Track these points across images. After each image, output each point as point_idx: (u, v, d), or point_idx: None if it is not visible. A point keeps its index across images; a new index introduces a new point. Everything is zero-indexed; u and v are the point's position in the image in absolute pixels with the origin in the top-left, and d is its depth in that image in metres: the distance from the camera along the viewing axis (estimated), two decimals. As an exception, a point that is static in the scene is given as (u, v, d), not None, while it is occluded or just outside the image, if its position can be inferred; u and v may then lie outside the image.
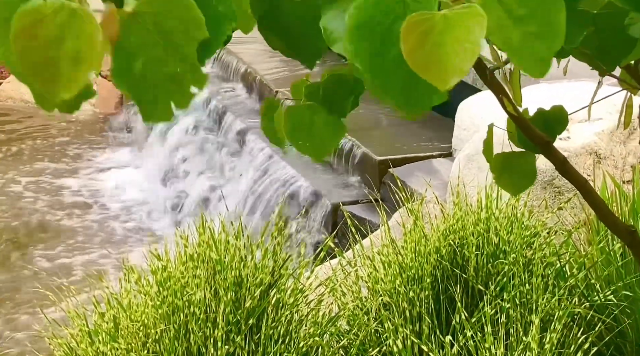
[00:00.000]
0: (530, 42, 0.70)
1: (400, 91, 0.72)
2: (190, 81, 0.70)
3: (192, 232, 2.02)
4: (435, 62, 0.64)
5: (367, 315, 2.07)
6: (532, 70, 0.72)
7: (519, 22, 0.69)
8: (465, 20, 0.64)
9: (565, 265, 2.11)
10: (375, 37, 0.70)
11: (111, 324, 1.91)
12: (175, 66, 0.69)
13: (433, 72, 0.65)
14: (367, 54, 0.71)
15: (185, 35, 0.69)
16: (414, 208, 2.22)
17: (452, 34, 0.64)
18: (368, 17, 0.70)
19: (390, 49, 0.70)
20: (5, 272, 4.26)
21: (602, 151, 2.82)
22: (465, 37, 0.64)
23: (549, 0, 0.70)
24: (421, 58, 0.65)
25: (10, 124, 6.38)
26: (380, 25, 0.70)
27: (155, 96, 0.70)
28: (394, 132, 4.24)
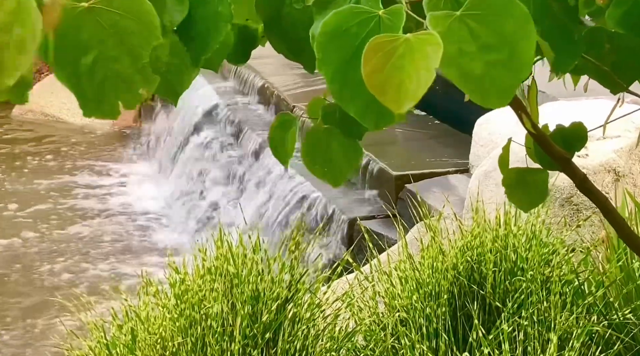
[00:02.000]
0: (494, 71, 0.69)
1: (364, 105, 0.73)
2: (140, 82, 0.71)
3: (210, 245, 2.03)
4: (392, 86, 0.65)
5: (383, 331, 2.06)
6: (490, 100, 0.72)
7: (485, 49, 0.69)
8: (424, 47, 0.64)
9: (583, 283, 2.10)
10: (347, 48, 0.71)
11: (129, 336, 1.92)
12: (126, 65, 0.69)
13: (390, 96, 0.66)
14: (335, 64, 0.72)
15: (139, 37, 0.69)
16: (431, 224, 2.21)
17: (411, 58, 0.64)
18: (343, 27, 0.70)
19: (359, 61, 0.69)
20: (23, 283, 4.28)
21: (620, 168, 2.81)
22: (422, 63, 0.64)
23: (519, 29, 0.69)
24: (379, 81, 0.66)
25: (29, 136, 6.44)
26: (354, 36, 0.70)
27: (102, 93, 0.71)
28: (411, 147, 4.24)
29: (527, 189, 1.27)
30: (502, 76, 0.70)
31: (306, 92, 5.14)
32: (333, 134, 1.10)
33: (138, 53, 0.70)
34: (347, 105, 0.73)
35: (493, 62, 0.69)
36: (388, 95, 0.65)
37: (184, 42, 0.82)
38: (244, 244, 2.03)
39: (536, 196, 1.27)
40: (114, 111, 0.72)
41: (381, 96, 0.65)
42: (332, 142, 1.10)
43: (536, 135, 1.24)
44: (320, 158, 1.11)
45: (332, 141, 1.10)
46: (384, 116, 0.73)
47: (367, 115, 0.74)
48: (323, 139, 1.10)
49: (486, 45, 0.68)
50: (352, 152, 1.12)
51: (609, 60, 1.03)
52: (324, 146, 1.10)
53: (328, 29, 0.71)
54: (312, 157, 1.11)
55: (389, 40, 0.65)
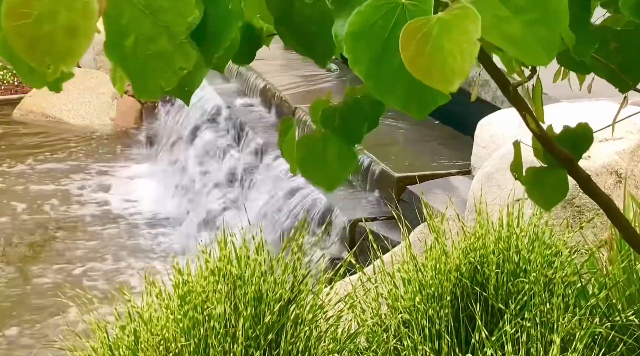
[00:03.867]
0: (533, 29, 0.70)
1: (405, 94, 0.73)
2: (178, 59, 0.71)
3: (213, 246, 2.03)
4: (436, 67, 0.65)
5: (386, 332, 2.06)
6: (538, 57, 0.72)
7: (519, 11, 0.69)
8: (461, 21, 0.64)
9: (586, 285, 2.10)
10: (376, 43, 0.70)
11: (132, 337, 1.91)
12: (164, 44, 0.70)
13: (436, 77, 0.65)
14: (367, 61, 0.71)
15: (174, 14, 0.69)
16: (434, 225, 2.21)
17: (449, 36, 0.64)
18: (368, 22, 0.70)
19: (391, 52, 0.70)
20: (25, 284, 4.29)
21: (623, 170, 2.81)
22: (462, 38, 0.64)
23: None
24: (422, 65, 0.65)
25: (30, 137, 6.45)
26: (381, 29, 0.70)
27: (146, 72, 0.71)
28: (413, 149, 4.24)
29: (547, 187, 1.27)
30: (542, 32, 0.70)
31: (308, 93, 5.14)
32: (328, 140, 1.10)
33: (174, 30, 0.70)
34: (387, 98, 0.73)
35: (529, 22, 0.70)
36: (434, 77, 0.65)
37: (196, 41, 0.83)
38: (247, 245, 2.03)
39: (556, 193, 1.27)
40: (156, 90, 0.73)
41: (427, 79, 0.65)
42: (328, 148, 1.10)
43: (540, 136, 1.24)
44: (315, 164, 1.10)
45: (327, 146, 1.10)
46: (427, 101, 0.73)
47: (410, 104, 0.73)
48: (318, 144, 1.10)
49: (518, 8, 0.69)
50: (347, 158, 1.11)
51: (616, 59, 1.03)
52: (319, 151, 1.10)
53: (354, 28, 0.71)
54: (306, 163, 1.11)
55: (422, 24, 0.64)
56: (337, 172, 1.10)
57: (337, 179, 1.10)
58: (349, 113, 1.09)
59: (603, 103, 3.08)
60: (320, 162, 1.10)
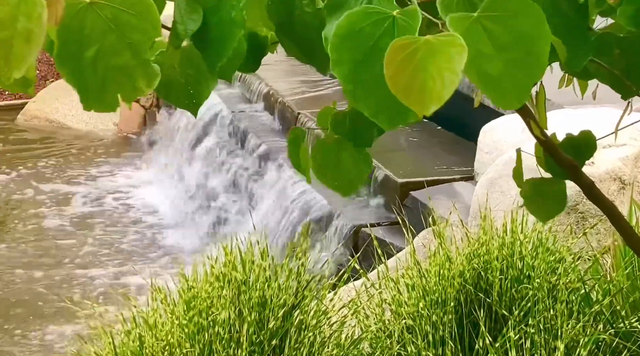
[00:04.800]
0: (511, 71, 0.70)
1: (379, 104, 0.73)
2: (140, 75, 0.72)
3: (218, 252, 2.03)
4: (415, 88, 0.65)
5: (390, 338, 2.06)
6: (509, 100, 0.72)
7: (502, 50, 0.70)
8: (447, 49, 0.65)
9: (590, 291, 2.10)
10: (361, 48, 0.71)
11: (137, 343, 1.92)
12: (127, 59, 0.70)
13: (413, 98, 0.66)
14: (350, 64, 0.72)
15: (140, 32, 0.70)
16: (438, 231, 2.22)
17: (434, 61, 0.65)
18: (356, 28, 0.71)
19: (374, 61, 0.71)
20: (28, 290, 4.29)
21: (626, 177, 2.81)
22: (447, 65, 0.65)
23: (534, 28, 0.70)
24: (402, 83, 0.66)
25: (34, 142, 6.46)
26: (368, 36, 0.71)
27: (103, 85, 0.72)
28: (416, 154, 4.24)
29: (546, 200, 1.27)
30: (519, 75, 0.71)
31: (311, 98, 5.15)
32: (342, 145, 1.11)
33: (139, 47, 0.71)
34: (361, 104, 0.73)
35: (510, 62, 0.70)
36: (412, 97, 0.65)
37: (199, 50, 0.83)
38: (251, 250, 2.03)
39: (554, 206, 1.27)
40: (114, 104, 0.74)
41: (405, 98, 0.66)
42: (342, 153, 1.11)
43: (544, 142, 1.24)
44: (330, 169, 1.11)
45: (341, 151, 1.11)
46: (398, 114, 0.74)
47: (381, 114, 0.74)
48: (333, 150, 1.11)
49: (503, 46, 0.70)
50: (362, 163, 1.12)
51: (619, 65, 1.04)
52: (334, 157, 1.11)
53: (342, 30, 0.71)
54: (322, 168, 1.12)
55: (409, 42, 0.65)
56: (353, 176, 1.12)
57: (353, 183, 1.12)
58: (358, 117, 1.10)
59: (606, 110, 3.08)
60: (336, 168, 1.11)
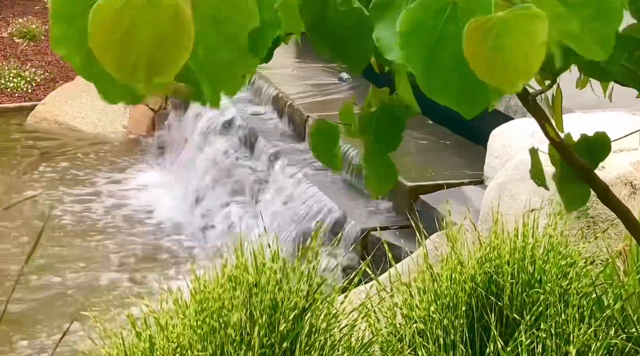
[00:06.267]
0: (589, 26, 0.71)
1: (457, 93, 0.73)
2: (241, 68, 0.72)
3: (230, 254, 2.03)
4: (498, 66, 0.65)
5: (400, 342, 2.06)
6: (596, 52, 0.73)
7: (575, 8, 0.70)
8: (523, 21, 0.64)
9: (601, 296, 2.09)
10: (427, 40, 0.70)
11: (147, 344, 1.92)
12: (227, 53, 0.70)
13: (498, 77, 0.65)
14: (420, 58, 0.71)
15: (238, 24, 0.70)
16: (450, 235, 2.22)
17: (511, 36, 0.64)
18: (419, 20, 0.70)
19: (443, 51, 0.70)
20: (39, 290, 4.30)
21: (637, 181, 2.80)
22: (524, 39, 0.64)
23: None
24: (484, 64, 0.65)
25: (44, 144, 6.48)
26: (432, 28, 0.70)
27: (214, 81, 0.72)
28: (425, 158, 4.24)
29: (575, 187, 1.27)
30: (597, 28, 0.71)
31: (320, 102, 5.15)
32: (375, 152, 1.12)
33: (238, 41, 0.71)
34: (439, 97, 0.72)
35: (585, 18, 0.71)
36: (497, 77, 0.65)
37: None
38: (262, 253, 2.04)
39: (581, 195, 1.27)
40: (217, 99, 0.73)
41: (490, 78, 0.65)
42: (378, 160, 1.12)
43: (558, 144, 1.24)
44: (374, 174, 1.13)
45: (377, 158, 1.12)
46: (478, 101, 0.73)
47: (462, 102, 0.73)
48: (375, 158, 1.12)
49: (575, 4, 0.70)
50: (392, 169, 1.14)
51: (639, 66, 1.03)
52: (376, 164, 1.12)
53: (405, 27, 0.70)
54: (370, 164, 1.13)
55: (483, 22, 0.64)
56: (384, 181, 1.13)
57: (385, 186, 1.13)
58: (384, 119, 1.11)
59: (617, 114, 3.08)
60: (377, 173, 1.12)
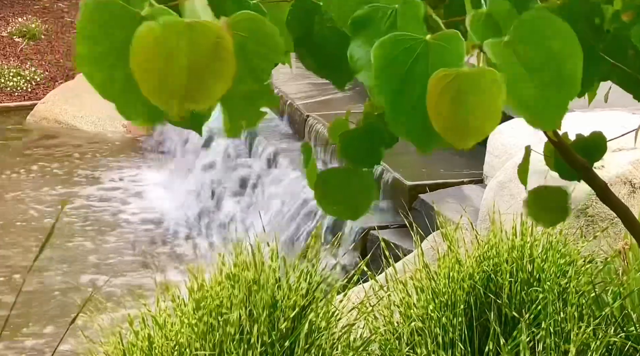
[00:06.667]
0: (545, 92, 0.70)
1: (418, 129, 0.73)
2: (263, 100, 0.72)
3: (228, 252, 2.03)
4: (456, 121, 0.65)
5: (399, 340, 2.06)
6: (546, 122, 0.72)
7: (534, 72, 0.69)
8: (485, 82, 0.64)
9: (600, 294, 2.09)
10: (396, 76, 0.71)
11: (145, 342, 1.92)
12: (251, 85, 0.71)
13: (453, 132, 0.66)
14: (389, 93, 0.72)
15: (265, 57, 0.71)
16: (448, 234, 2.22)
17: (472, 94, 0.64)
18: (391, 56, 0.71)
19: (411, 88, 0.71)
20: (38, 290, 4.30)
21: (636, 180, 2.80)
22: (488, 102, 0.64)
23: (566, 47, 0.69)
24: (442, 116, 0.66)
25: (43, 143, 6.48)
26: (402, 64, 0.71)
27: (236, 112, 0.72)
28: (425, 157, 4.23)
29: (549, 207, 1.27)
30: (554, 96, 0.70)
31: (319, 101, 5.15)
32: (350, 174, 1.10)
33: (262, 74, 0.72)
34: (400, 130, 0.74)
35: (544, 84, 0.69)
36: (451, 131, 0.65)
37: None
38: (262, 251, 2.04)
39: (557, 214, 1.27)
40: (238, 131, 0.74)
41: (443, 131, 0.66)
42: (349, 182, 1.10)
43: (557, 143, 1.24)
44: (334, 198, 1.10)
45: (349, 180, 1.10)
46: (434, 142, 0.74)
47: (420, 140, 0.74)
48: (338, 178, 1.10)
49: (535, 68, 0.69)
50: (369, 190, 1.11)
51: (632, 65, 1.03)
52: (340, 186, 1.10)
53: (378, 60, 0.71)
54: (325, 197, 1.10)
55: (446, 74, 0.65)
56: (359, 204, 1.11)
57: (359, 211, 1.11)
58: (367, 136, 1.10)
59: (616, 113, 3.08)
60: (341, 197, 1.10)
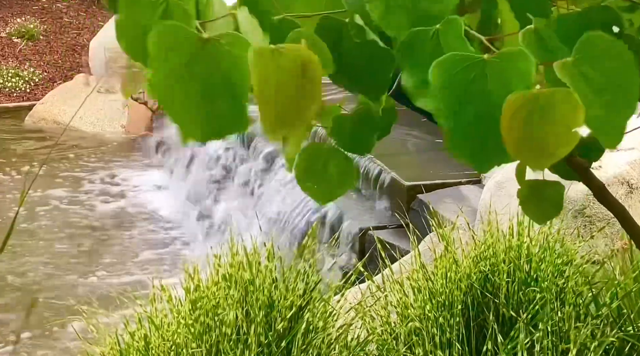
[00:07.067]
0: (609, 112, 0.71)
1: (475, 149, 0.74)
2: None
3: (225, 253, 2.03)
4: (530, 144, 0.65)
5: (396, 340, 2.06)
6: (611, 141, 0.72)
7: (599, 93, 0.70)
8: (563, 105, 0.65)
9: (598, 294, 2.09)
10: (455, 96, 0.72)
11: (142, 343, 1.92)
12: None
13: (527, 154, 0.66)
14: (448, 112, 0.73)
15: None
16: (445, 234, 2.21)
17: (549, 118, 0.65)
18: (450, 76, 0.71)
19: (468, 107, 0.71)
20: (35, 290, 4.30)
21: (634, 181, 2.80)
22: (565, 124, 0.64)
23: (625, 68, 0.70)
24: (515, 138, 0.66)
25: (42, 144, 6.48)
26: (461, 84, 0.71)
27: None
28: (423, 158, 4.24)
29: (542, 202, 1.26)
30: (615, 117, 0.71)
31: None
32: (333, 153, 1.09)
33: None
34: (458, 151, 0.74)
35: (608, 105, 0.70)
36: (525, 153, 0.66)
37: None
38: (258, 251, 2.03)
39: (551, 209, 1.26)
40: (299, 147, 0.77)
41: (517, 153, 0.66)
42: (330, 162, 1.09)
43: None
44: (313, 175, 1.09)
45: (330, 160, 1.09)
46: (493, 160, 0.74)
47: (477, 160, 0.74)
48: (322, 157, 1.09)
49: (600, 89, 0.69)
50: (348, 175, 1.10)
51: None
52: (321, 163, 1.08)
53: (436, 80, 0.72)
54: (305, 172, 1.09)
55: (521, 96, 0.65)
56: (335, 187, 1.09)
57: (333, 194, 1.09)
58: (360, 122, 1.09)
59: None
60: (320, 176, 1.08)
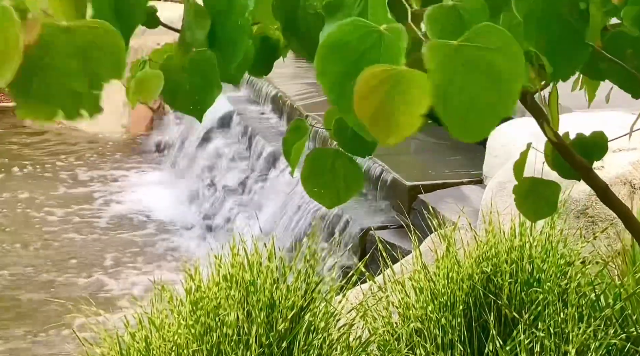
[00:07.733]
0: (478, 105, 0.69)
1: None
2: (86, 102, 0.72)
3: (225, 253, 2.02)
4: (381, 118, 0.65)
5: (398, 341, 2.05)
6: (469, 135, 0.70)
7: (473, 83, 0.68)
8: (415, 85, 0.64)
9: (600, 295, 2.08)
10: (346, 60, 0.70)
11: (142, 344, 1.91)
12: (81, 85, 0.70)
13: (378, 127, 0.65)
14: (333, 75, 0.71)
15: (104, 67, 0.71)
16: (446, 234, 2.20)
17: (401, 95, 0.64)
18: (344, 40, 0.70)
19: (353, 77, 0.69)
20: (35, 290, 4.30)
21: (636, 181, 2.79)
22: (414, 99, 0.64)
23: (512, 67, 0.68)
24: (369, 111, 0.65)
25: (42, 144, 6.48)
26: (354, 50, 0.70)
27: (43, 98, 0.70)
28: (424, 158, 4.23)
29: (537, 200, 1.26)
30: (485, 112, 0.68)
31: (319, 101, 5.14)
32: (339, 155, 1.09)
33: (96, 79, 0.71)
34: (344, 115, 0.73)
35: (479, 97, 0.68)
36: (376, 126, 0.65)
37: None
38: (259, 252, 2.02)
39: (545, 208, 1.26)
40: None
41: (370, 125, 0.65)
42: (336, 166, 1.08)
43: (557, 143, 1.23)
44: (320, 180, 1.09)
45: (336, 164, 1.08)
46: None
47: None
48: (327, 161, 1.09)
49: (476, 80, 0.67)
50: (354, 179, 1.10)
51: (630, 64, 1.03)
52: (327, 168, 1.08)
53: (329, 41, 0.71)
54: (311, 177, 1.09)
55: (381, 71, 0.64)
56: (342, 191, 1.09)
57: (340, 198, 1.09)
58: None
59: (617, 113, 3.06)
60: (326, 181, 1.08)
